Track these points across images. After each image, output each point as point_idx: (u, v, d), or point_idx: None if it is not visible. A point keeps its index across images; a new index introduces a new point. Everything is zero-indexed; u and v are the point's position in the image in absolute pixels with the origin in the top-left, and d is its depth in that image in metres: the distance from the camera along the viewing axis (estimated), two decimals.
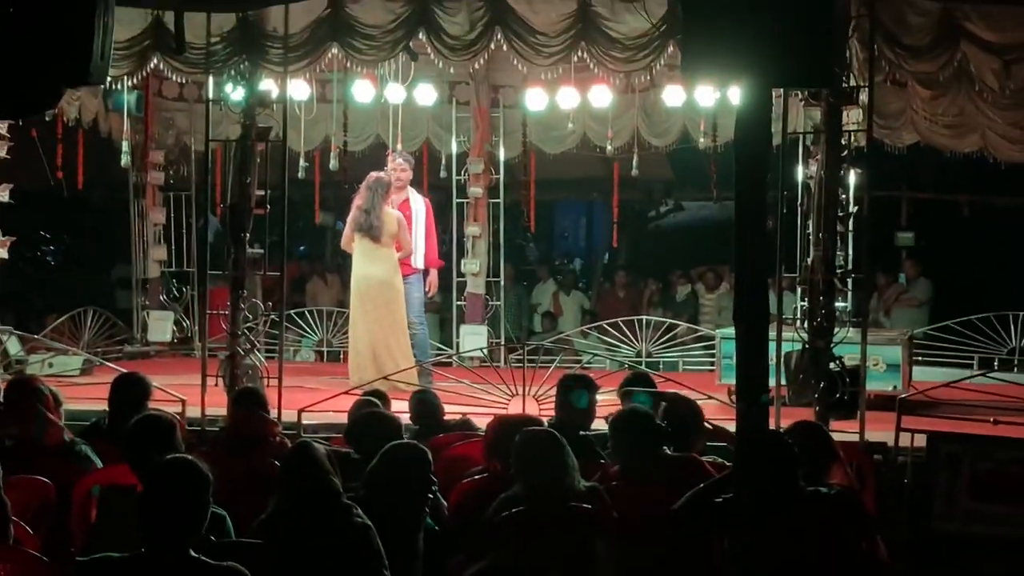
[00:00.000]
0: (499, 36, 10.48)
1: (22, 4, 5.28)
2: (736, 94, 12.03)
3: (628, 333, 14.85)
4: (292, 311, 15.93)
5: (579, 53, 10.61)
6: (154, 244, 15.60)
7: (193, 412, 10.06)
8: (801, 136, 10.67)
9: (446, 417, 8.72)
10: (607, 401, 8.15)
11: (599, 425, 7.81)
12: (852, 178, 10.54)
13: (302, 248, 23.65)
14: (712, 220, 21.51)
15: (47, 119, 13.62)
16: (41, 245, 23.40)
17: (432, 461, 6.23)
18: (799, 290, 10.74)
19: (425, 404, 8.69)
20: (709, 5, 4.52)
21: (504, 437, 6.64)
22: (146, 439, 6.38)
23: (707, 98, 13.53)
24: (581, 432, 7.39)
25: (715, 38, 4.53)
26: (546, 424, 7.33)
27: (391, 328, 12.18)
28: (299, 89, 13.50)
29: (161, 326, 15.26)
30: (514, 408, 9.62)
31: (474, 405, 9.72)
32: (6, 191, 12.35)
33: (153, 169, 15.44)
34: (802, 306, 10.53)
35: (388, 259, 12.25)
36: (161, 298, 15.58)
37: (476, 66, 12.08)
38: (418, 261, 12.81)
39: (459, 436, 8.14)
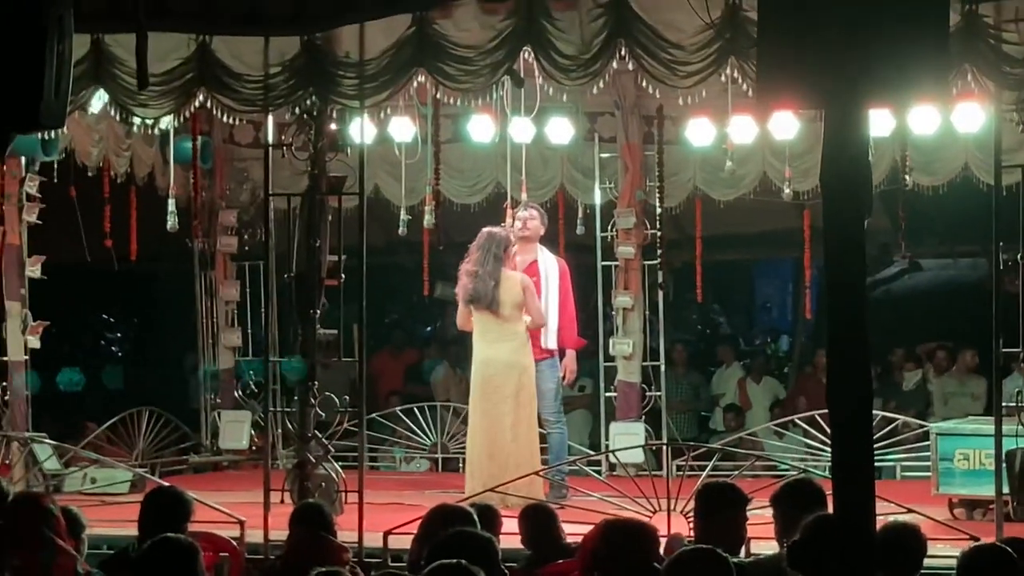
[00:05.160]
0: (623, 52, 10.57)
1: None
2: (961, 116, 12.28)
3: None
4: (399, 408, 16.18)
5: (728, 71, 10.62)
6: (226, 327, 15.78)
7: (256, 536, 10.29)
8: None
9: (567, 539, 8.76)
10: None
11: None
12: None
13: (429, 329, 23.78)
14: (956, 284, 21.15)
15: (90, 175, 14.05)
16: (105, 332, 23.96)
17: None
18: None
19: (536, 522, 8.73)
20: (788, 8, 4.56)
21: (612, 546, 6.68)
22: (156, 570, 6.60)
23: (923, 124, 13.32)
24: (733, 560, 7.36)
25: (794, 45, 4.57)
26: (684, 542, 7.35)
27: (523, 425, 12.20)
28: (401, 128, 13.82)
29: (235, 430, 15.38)
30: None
31: None
32: (37, 265, 12.78)
33: (223, 234, 15.60)
34: None
35: (514, 336, 12.33)
36: (236, 395, 15.74)
37: (598, 89, 12.02)
38: (550, 340, 12.84)
39: None
